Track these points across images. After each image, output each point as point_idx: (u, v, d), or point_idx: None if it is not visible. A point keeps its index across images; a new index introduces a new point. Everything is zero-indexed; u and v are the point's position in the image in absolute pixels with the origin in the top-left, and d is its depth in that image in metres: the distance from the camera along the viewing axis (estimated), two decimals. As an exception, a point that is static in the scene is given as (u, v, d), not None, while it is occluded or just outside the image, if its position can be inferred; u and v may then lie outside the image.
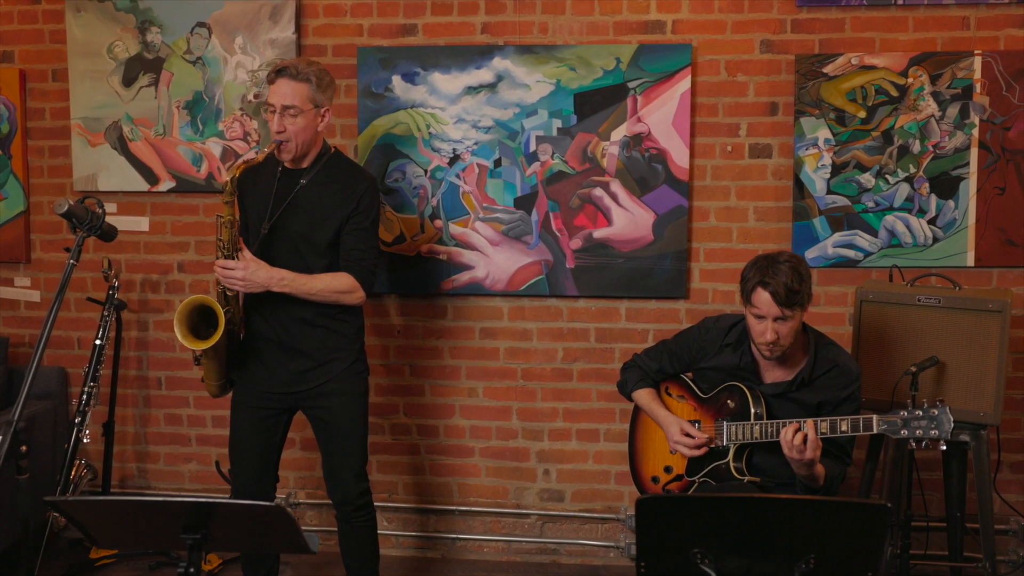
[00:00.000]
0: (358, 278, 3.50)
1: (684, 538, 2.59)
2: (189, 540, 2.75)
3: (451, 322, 4.31)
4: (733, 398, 3.38)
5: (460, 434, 4.35)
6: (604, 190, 4.17)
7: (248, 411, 3.60)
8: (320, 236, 3.48)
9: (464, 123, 4.20)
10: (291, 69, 3.42)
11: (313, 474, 4.40)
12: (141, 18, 4.29)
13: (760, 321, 3.23)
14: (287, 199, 3.46)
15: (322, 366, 3.54)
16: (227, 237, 3.39)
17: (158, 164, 4.35)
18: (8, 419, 3.15)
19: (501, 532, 4.36)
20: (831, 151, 4.07)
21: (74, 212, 3.20)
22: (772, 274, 3.18)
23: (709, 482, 3.41)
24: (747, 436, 3.31)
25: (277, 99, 3.41)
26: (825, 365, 3.32)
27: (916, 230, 4.08)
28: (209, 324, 3.43)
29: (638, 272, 4.17)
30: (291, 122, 3.41)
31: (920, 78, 4.02)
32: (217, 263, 3.40)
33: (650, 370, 3.59)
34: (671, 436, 3.46)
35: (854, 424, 3.16)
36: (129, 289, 4.40)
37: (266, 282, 3.39)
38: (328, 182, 3.50)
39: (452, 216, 4.24)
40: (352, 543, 3.64)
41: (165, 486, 4.48)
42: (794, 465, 3.18)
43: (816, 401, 3.31)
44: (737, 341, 3.41)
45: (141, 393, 4.49)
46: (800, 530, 2.53)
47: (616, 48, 4.11)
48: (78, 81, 4.33)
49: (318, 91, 3.45)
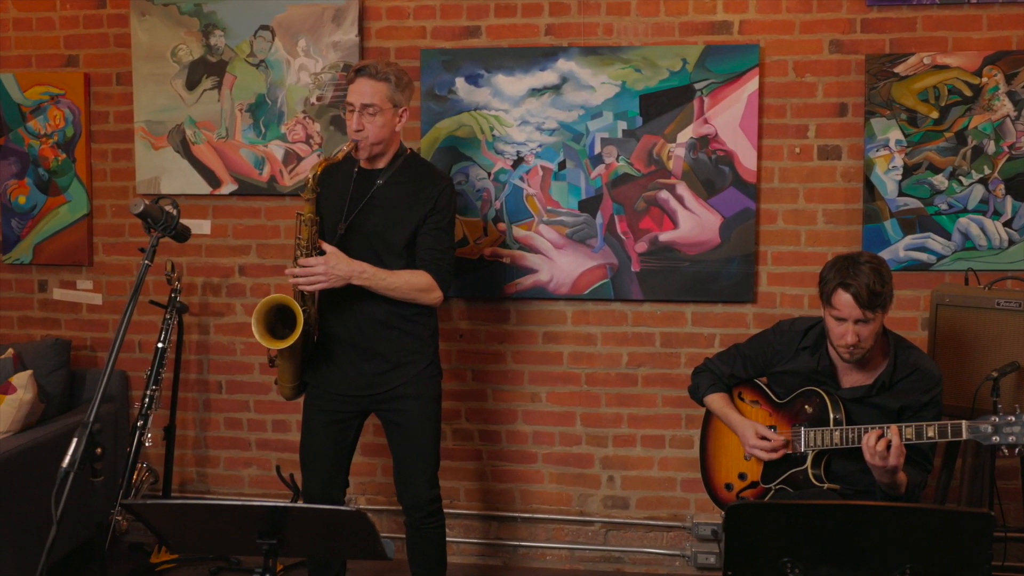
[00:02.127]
0: (436, 277, 3.46)
1: (773, 546, 2.52)
2: (265, 545, 2.72)
3: (514, 326, 4.26)
4: (811, 403, 3.30)
5: (523, 440, 4.30)
6: (670, 192, 4.11)
7: (321, 414, 3.56)
8: (397, 235, 3.45)
9: (528, 125, 4.16)
10: (371, 68, 3.41)
11: (374, 479, 4.36)
12: (205, 21, 4.29)
13: (840, 323, 3.15)
14: (364, 198, 3.44)
15: (397, 368, 3.50)
16: (307, 235, 3.38)
17: (220, 167, 4.34)
18: (83, 421, 3.13)
19: (564, 540, 4.30)
20: (902, 152, 4.00)
21: (149, 212, 3.19)
22: (853, 275, 3.09)
23: (786, 489, 3.34)
24: (827, 442, 3.22)
25: (356, 97, 3.40)
26: (906, 369, 3.23)
27: (991, 232, 3.99)
28: (286, 324, 3.41)
29: (704, 276, 4.11)
30: (370, 121, 3.39)
31: (995, 77, 3.94)
32: (299, 262, 3.37)
33: (722, 374, 3.52)
34: (746, 440, 3.38)
35: (941, 430, 3.07)
36: (190, 292, 4.40)
37: (347, 274, 3.35)
38: (405, 182, 3.48)
39: (516, 219, 4.20)
40: (421, 549, 3.59)
41: (225, 491, 4.46)
42: (876, 473, 3.09)
43: (897, 406, 3.23)
44: (814, 344, 3.33)
45: (201, 397, 4.47)
46: (896, 539, 2.44)
47: (682, 49, 4.06)
48: (142, 84, 4.34)
49: (397, 91, 3.44)
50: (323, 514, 2.72)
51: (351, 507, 2.66)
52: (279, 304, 3.39)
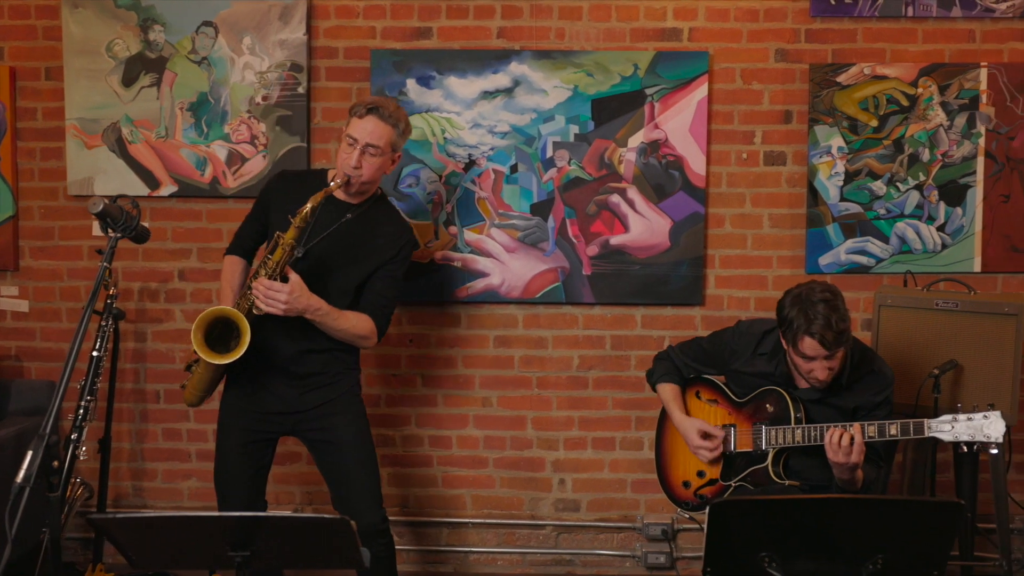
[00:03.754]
0: (377, 325, 3.44)
1: (752, 542, 2.58)
2: (238, 558, 2.64)
3: (465, 330, 4.23)
4: (772, 402, 3.39)
5: (474, 445, 4.27)
6: (621, 196, 4.16)
7: (239, 434, 3.47)
8: (354, 275, 3.42)
9: (480, 128, 4.14)
10: (383, 110, 3.37)
11: (321, 488, 4.24)
12: (143, 16, 4.13)
13: (808, 362, 3.23)
14: (328, 229, 3.38)
15: (325, 387, 3.46)
16: (278, 258, 3.28)
17: (159, 167, 4.18)
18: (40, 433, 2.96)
19: (516, 544, 4.29)
20: (844, 159, 4.14)
21: (109, 212, 3.05)
22: (813, 317, 3.16)
23: (746, 486, 3.41)
24: (788, 440, 3.32)
25: (362, 135, 3.34)
26: (861, 370, 3.35)
27: (926, 237, 4.17)
28: (224, 337, 3.31)
29: (654, 279, 4.17)
30: (369, 161, 3.35)
31: (929, 88, 4.12)
32: (261, 280, 3.27)
33: (681, 364, 3.60)
34: (690, 441, 3.47)
35: (904, 428, 3.19)
36: (127, 298, 4.21)
37: (305, 308, 3.29)
38: (373, 224, 3.45)
39: (467, 222, 4.17)
40: (372, 571, 3.45)
41: (163, 504, 4.29)
42: (837, 469, 3.20)
43: (852, 406, 3.34)
44: (772, 351, 3.41)
45: (138, 407, 4.29)
46: (872, 530, 2.53)
47: (634, 54, 4.11)
48: (74, 80, 4.14)
49: (399, 137, 3.43)
50: (302, 523, 2.66)
51: (334, 515, 2.60)
52: (223, 317, 3.28)
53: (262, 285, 3.25)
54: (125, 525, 2.72)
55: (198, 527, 2.70)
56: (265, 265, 3.29)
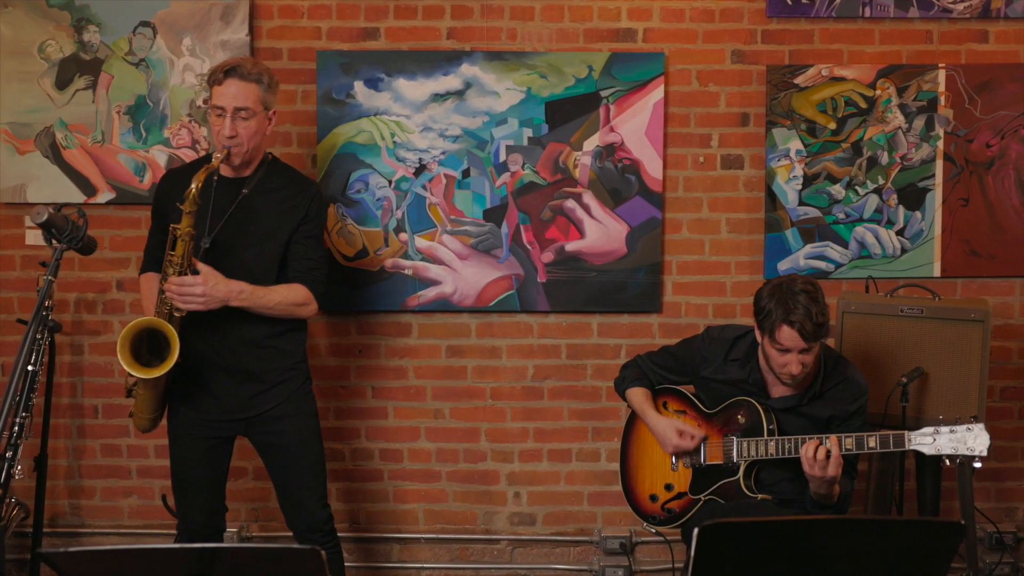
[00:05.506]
0: (311, 289, 3.33)
1: (742, 566, 2.47)
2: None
3: (416, 340, 4.11)
4: (743, 413, 3.29)
5: (426, 458, 4.14)
6: (576, 201, 4.05)
7: (193, 441, 3.37)
8: (272, 249, 3.30)
9: (431, 132, 4.02)
10: (241, 69, 3.22)
11: (267, 505, 4.11)
12: (77, 16, 3.96)
13: (784, 354, 3.13)
14: (229, 210, 3.24)
15: (272, 388, 3.35)
16: (181, 251, 3.14)
17: (95, 174, 4.01)
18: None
19: (470, 560, 4.17)
20: (802, 162, 4.06)
21: (54, 222, 2.93)
22: (793, 307, 3.07)
23: (716, 500, 3.31)
24: (761, 453, 3.22)
25: (227, 101, 3.20)
26: (834, 379, 3.27)
27: (885, 241, 4.10)
28: (154, 350, 3.17)
29: (611, 286, 4.06)
30: (243, 125, 3.21)
31: (887, 90, 4.05)
32: (171, 280, 3.14)
33: (650, 371, 3.49)
34: (668, 440, 3.34)
35: (883, 440, 3.09)
36: (62, 310, 4.03)
37: (225, 295, 3.16)
38: (274, 190, 3.31)
39: (418, 229, 4.04)
40: None
41: (102, 523, 4.12)
42: (814, 483, 3.10)
43: (826, 415, 3.25)
44: (744, 357, 3.32)
45: (75, 423, 4.12)
46: (869, 552, 2.43)
47: (588, 56, 4.01)
48: (4, 83, 3.97)
49: (268, 92, 3.28)
50: (267, 553, 2.52)
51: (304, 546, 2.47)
52: (148, 328, 3.14)
53: (174, 284, 3.12)
54: (77, 559, 2.57)
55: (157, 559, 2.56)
56: (171, 263, 3.16)
